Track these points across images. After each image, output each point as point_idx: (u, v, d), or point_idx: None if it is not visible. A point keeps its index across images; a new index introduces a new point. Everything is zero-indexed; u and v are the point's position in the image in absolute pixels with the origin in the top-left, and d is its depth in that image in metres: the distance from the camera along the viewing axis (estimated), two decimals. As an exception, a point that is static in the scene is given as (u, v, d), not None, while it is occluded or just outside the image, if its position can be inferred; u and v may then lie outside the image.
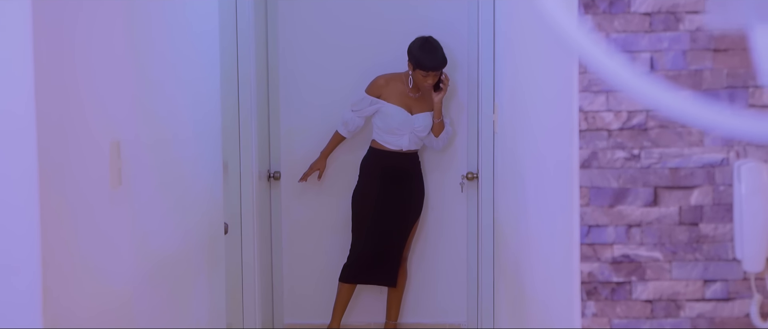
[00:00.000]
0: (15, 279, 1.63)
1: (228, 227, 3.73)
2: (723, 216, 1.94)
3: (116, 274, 2.09)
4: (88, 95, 1.90)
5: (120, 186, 2.07)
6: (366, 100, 4.66)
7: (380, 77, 4.70)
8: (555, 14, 0.70)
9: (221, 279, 3.29)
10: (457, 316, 5.10)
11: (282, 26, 4.90)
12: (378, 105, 4.64)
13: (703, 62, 1.91)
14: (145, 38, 2.31)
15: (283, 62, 4.92)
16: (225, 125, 3.78)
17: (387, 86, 4.66)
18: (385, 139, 4.68)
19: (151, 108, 2.36)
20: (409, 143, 4.69)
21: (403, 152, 4.70)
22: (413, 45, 4.54)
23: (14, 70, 1.60)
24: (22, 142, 1.61)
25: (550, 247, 2.33)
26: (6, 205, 1.62)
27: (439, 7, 4.86)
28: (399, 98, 4.65)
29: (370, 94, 4.67)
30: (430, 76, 4.51)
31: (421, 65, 4.48)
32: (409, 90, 4.64)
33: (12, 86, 1.60)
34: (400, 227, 4.72)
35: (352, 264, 4.74)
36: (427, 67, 4.47)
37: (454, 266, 5.05)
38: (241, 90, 4.10)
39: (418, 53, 4.49)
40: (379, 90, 4.66)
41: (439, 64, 4.49)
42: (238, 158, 4.12)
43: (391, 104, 4.63)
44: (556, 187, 2.21)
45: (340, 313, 4.82)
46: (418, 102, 4.67)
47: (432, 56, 4.48)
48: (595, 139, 1.95)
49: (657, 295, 1.96)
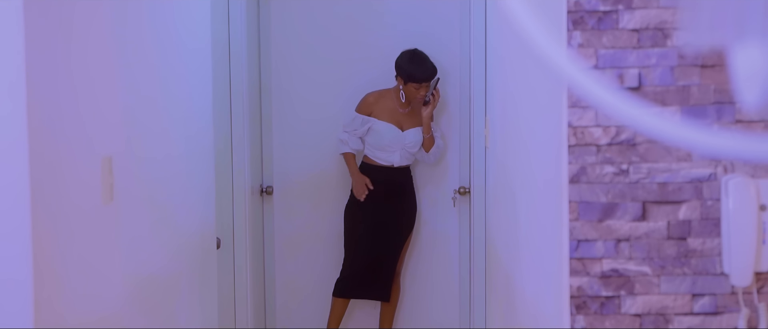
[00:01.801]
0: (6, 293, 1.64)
1: (220, 242, 3.73)
2: (711, 231, 1.95)
3: (108, 289, 2.09)
4: (80, 110, 1.91)
5: (112, 202, 2.07)
6: (358, 119, 4.66)
7: (369, 95, 4.70)
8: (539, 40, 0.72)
9: (213, 294, 3.29)
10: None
11: (274, 41, 4.92)
12: (370, 123, 4.65)
13: (690, 78, 1.93)
14: (136, 54, 2.32)
15: (275, 77, 4.93)
16: (217, 140, 3.78)
17: (377, 104, 4.67)
18: (377, 155, 4.69)
19: (143, 124, 2.37)
20: (400, 159, 4.70)
21: (395, 167, 4.71)
22: (401, 59, 4.56)
23: (6, 86, 1.61)
24: (14, 157, 1.62)
25: (540, 261, 2.34)
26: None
27: (431, 23, 4.88)
28: (389, 114, 4.66)
29: (361, 112, 4.67)
30: (422, 88, 4.52)
31: (413, 78, 4.49)
32: (399, 105, 4.65)
33: (3, 102, 1.61)
34: (393, 242, 4.73)
35: (346, 278, 4.74)
36: (420, 79, 4.49)
37: (447, 280, 5.06)
38: (233, 105, 4.11)
39: (409, 66, 4.51)
40: (370, 108, 4.67)
41: (431, 73, 4.51)
42: (231, 173, 4.12)
43: (381, 120, 4.64)
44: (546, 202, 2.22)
45: (335, 326, 4.82)
46: (409, 118, 4.68)
47: (423, 67, 4.50)
48: (584, 154, 1.96)
49: (646, 309, 1.97)
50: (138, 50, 2.33)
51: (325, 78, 4.94)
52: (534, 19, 0.70)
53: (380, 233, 4.68)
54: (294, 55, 4.93)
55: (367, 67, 4.91)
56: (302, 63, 4.94)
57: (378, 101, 4.66)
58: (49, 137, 1.73)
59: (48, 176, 1.72)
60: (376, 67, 4.89)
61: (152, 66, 2.47)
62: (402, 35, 4.86)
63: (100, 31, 2.03)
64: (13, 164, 1.62)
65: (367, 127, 4.64)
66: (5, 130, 1.62)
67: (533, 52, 0.72)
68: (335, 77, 4.94)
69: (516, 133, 2.84)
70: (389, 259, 4.72)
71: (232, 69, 4.09)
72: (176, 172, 2.74)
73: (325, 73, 4.94)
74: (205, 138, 3.13)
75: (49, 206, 1.72)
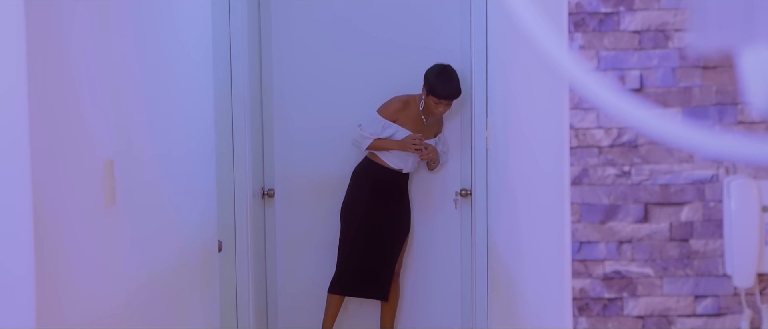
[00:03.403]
0: (8, 296, 1.64)
1: (222, 244, 3.73)
2: (713, 232, 1.95)
3: (110, 292, 2.09)
4: (81, 113, 1.91)
5: (113, 205, 2.07)
6: (379, 122, 4.60)
7: (396, 101, 4.64)
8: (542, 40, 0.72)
9: (215, 296, 3.29)
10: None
11: (275, 43, 4.92)
12: (392, 130, 4.61)
13: (692, 79, 1.93)
14: (138, 57, 2.32)
15: (276, 79, 4.93)
16: (219, 142, 3.79)
17: (403, 111, 4.61)
18: (389, 159, 4.66)
19: (144, 126, 2.37)
20: (411, 166, 4.72)
21: (403, 172, 4.72)
22: (430, 71, 4.52)
23: (7, 89, 1.61)
24: (16, 160, 1.62)
25: (542, 263, 2.34)
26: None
27: (432, 25, 4.88)
28: (412, 123, 4.62)
29: (385, 116, 4.61)
30: (441, 105, 4.49)
31: (435, 92, 4.46)
32: (422, 114, 4.64)
33: (5, 105, 1.61)
34: (388, 242, 4.72)
35: (341, 274, 4.74)
36: (441, 95, 4.46)
37: (448, 282, 5.06)
38: (234, 107, 4.11)
39: (434, 80, 4.47)
40: (395, 114, 4.61)
41: (453, 93, 4.47)
42: (232, 175, 4.13)
43: (406, 129, 4.61)
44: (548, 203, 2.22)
45: (330, 324, 4.82)
46: (428, 128, 4.68)
47: (447, 85, 4.46)
48: (586, 156, 1.96)
49: (648, 311, 1.97)
50: (139, 53, 2.33)
51: (326, 80, 4.94)
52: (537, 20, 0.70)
53: (377, 232, 4.68)
54: (295, 57, 4.93)
55: (368, 70, 4.91)
56: (303, 65, 4.94)
57: (404, 109, 4.62)
58: (50, 140, 1.73)
59: (50, 179, 1.72)
60: (376, 69, 4.89)
61: (153, 69, 2.47)
62: (402, 37, 4.86)
63: (101, 34, 2.03)
64: (15, 168, 1.62)
65: (390, 133, 4.60)
66: (7, 133, 1.62)
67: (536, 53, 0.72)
68: (336, 80, 4.94)
69: (517, 134, 2.84)
70: (386, 259, 4.72)
71: (233, 71, 4.09)
72: (178, 175, 2.74)
73: (326, 75, 4.94)
74: (206, 141, 3.13)
75: (51, 209, 1.72)
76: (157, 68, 2.50)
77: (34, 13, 1.64)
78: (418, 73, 4.71)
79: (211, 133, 3.20)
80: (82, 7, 1.91)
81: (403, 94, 4.68)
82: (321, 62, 4.93)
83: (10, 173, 1.62)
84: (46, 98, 1.70)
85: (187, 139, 2.85)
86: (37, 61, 1.65)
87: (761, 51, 0.71)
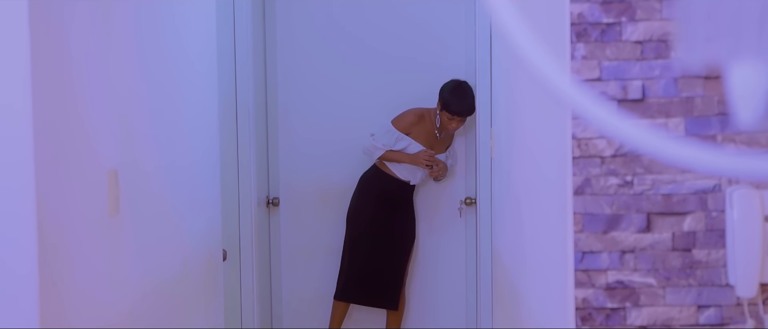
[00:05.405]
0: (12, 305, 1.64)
1: (226, 253, 3.74)
2: (716, 242, 1.95)
3: (114, 302, 2.10)
4: (86, 123, 1.92)
5: (118, 214, 2.08)
6: (392, 134, 4.59)
7: (411, 113, 4.63)
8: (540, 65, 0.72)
9: (220, 306, 3.29)
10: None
11: (280, 52, 4.94)
12: (405, 143, 4.61)
13: (694, 89, 1.93)
14: (142, 65, 2.33)
15: (281, 88, 4.95)
16: (223, 151, 3.79)
17: (418, 125, 4.61)
18: (399, 170, 4.67)
19: (148, 136, 2.38)
20: (420, 178, 4.72)
21: (410, 184, 4.72)
22: (445, 86, 4.51)
23: (12, 99, 1.62)
24: (20, 170, 1.62)
25: (545, 273, 2.34)
26: (3, 233, 1.63)
27: (436, 38, 4.88)
28: (426, 138, 4.62)
29: (399, 128, 4.60)
30: (454, 121, 4.49)
31: (448, 108, 4.46)
32: (435, 128, 4.64)
33: (9, 114, 1.62)
34: (393, 251, 4.72)
35: (346, 281, 4.74)
36: (454, 111, 4.46)
37: (454, 290, 5.06)
38: (239, 116, 4.13)
39: (449, 96, 4.46)
40: (409, 127, 4.61)
41: (466, 110, 4.45)
42: (237, 184, 4.13)
43: (419, 143, 4.61)
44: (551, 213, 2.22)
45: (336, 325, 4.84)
46: (441, 143, 4.69)
47: (460, 101, 4.46)
48: (589, 166, 1.96)
49: (651, 321, 1.97)
50: (143, 63, 2.34)
51: (330, 93, 4.95)
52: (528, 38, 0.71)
53: (380, 241, 4.68)
54: (299, 68, 4.95)
55: (372, 79, 4.92)
56: (307, 77, 4.95)
57: (419, 123, 4.62)
58: (55, 150, 1.73)
59: (54, 188, 1.73)
60: (380, 81, 4.90)
61: (157, 78, 2.48)
62: (407, 47, 4.87)
63: (105, 44, 2.04)
64: (19, 177, 1.63)
65: (403, 146, 4.60)
66: (11, 142, 1.63)
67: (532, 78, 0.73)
68: (339, 92, 4.95)
69: (521, 144, 2.85)
70: (393, 268, 4.72)
71: (238, 82, 4.10)
72: (182, 184, 2.75)
73: (330, 87, 4.95)
74: (211, 150, 3.14)
75: (55, 219, 1.73)
76: (161, 78, 2.51)
77: (38, 23, 1.65)
78: (422, 86, 4.72)
79: (215, 142, 3.21)
80: (86, 18, 1.92)
81: (417, 107, 4.68)
82: (324, 74, 4.94)
83: (15, 183, 1.63)
84: (50, 107, 1.71)
85: (191, 149, 2.86)
86: (41, 71, 1.66)
87: (747, 64, 0.71)
